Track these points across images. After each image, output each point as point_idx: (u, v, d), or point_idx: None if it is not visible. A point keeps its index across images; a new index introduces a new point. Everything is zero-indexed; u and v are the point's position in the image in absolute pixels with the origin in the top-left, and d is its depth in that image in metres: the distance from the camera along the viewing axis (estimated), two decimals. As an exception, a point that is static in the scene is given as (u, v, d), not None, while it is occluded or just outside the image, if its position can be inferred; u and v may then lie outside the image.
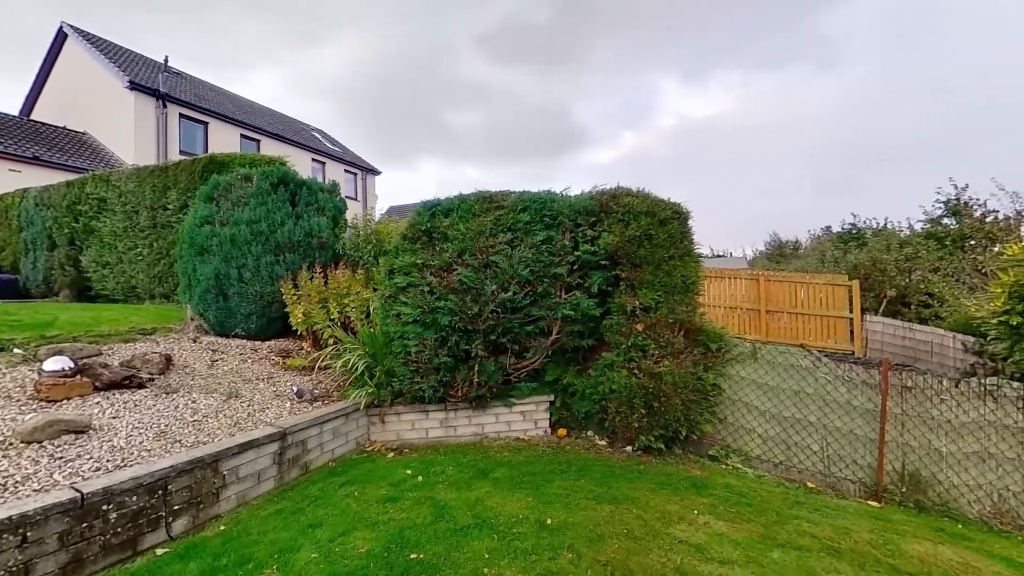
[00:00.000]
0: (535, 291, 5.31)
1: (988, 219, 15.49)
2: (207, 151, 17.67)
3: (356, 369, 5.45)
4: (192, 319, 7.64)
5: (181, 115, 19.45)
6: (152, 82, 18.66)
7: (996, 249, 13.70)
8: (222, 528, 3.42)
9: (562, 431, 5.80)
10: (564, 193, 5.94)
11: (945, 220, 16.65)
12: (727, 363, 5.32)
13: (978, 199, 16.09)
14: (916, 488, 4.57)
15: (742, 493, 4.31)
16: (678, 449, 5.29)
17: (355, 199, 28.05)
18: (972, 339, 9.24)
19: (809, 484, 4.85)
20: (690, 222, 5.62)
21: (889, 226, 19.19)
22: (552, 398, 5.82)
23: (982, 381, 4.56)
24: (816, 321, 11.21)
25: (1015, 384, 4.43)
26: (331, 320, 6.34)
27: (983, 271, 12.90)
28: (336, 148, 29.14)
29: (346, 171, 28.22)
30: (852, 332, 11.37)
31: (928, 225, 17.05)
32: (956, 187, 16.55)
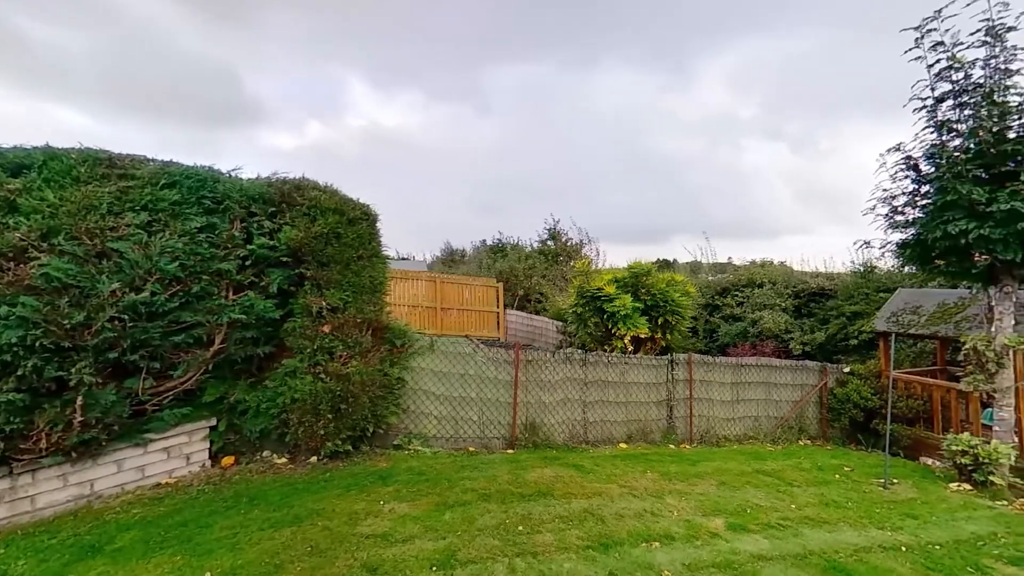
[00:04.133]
0: (188, 291, 4.19)
1: (568, 243, 23.47)
2: None
3: None
4: None
5: None
6: None
7: (572, 263, 20.95)
8: None
9: (229, 459, 4.83)
10: (234, 174, 4.98)
11: (548, 242, 24.06)
12: (410, 356, 5.82)
13: (564, 230, 24.13)
14: (533, 432, 6.39)
15: (422, 472, 4.82)
16: (365, 446, 5.38)
17: None
18: (561, 323, 13.76)
19: (471, 449, 5.94)
20: (379, 224, 5.82)
21: (520, 243, 26.02)
22: (214, 422, 4.75)
23: (564, 351, 6.86)
24: (476, 315, 13.93)
25: (579, 351, 6.91)
26: None
27: (566, 278, 19.48)
28: None
29: None
30: (498, 322, 14.77)
31: (540, 244, 24.19)
32: (554, 219, 24.28)
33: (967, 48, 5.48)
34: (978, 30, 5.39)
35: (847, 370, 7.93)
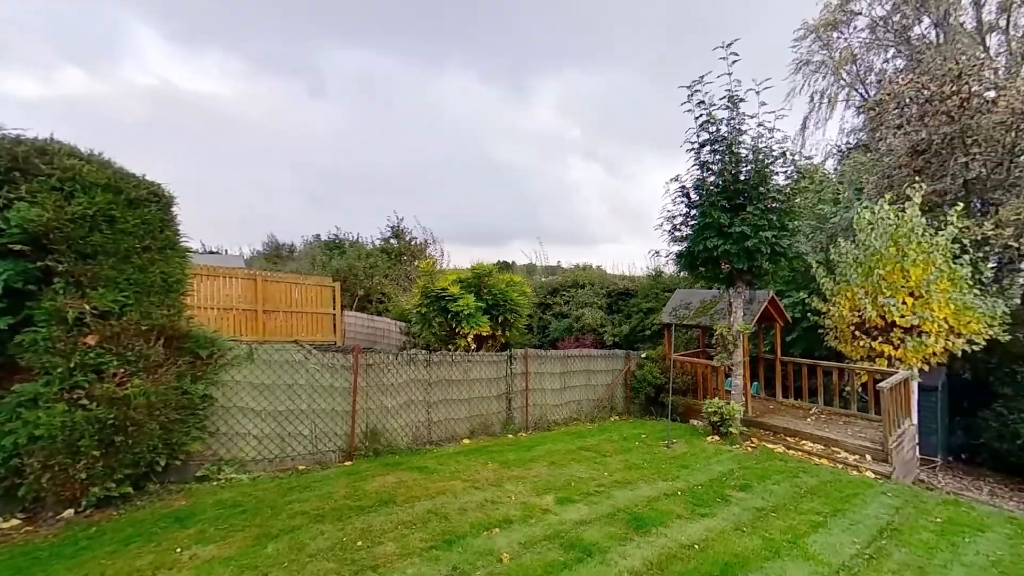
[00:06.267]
0: None
1: (413, 242, 23.02)
2: None
3: None
4: None
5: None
6: None
7: (416, 263, 20.63)
8: None
9: (-96, 537, 3.31)
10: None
11: (392, 240, 23.19)
12: (221, 369, 4.90)
13: (408, 228, 23.58)
14: (375, 440, 6.07)
15: (236, 503, 4.11)
16: (154, 484, 4.32)
17: None
18: (404, 324, 13.41)
19: (300, 467, 5.32)
20: (175, 209, 4.74)
21: (361, 240, 24.43)
22: None
23: (408, 352, 6.71)
24: (308, 318, 12.52)
25: (423, 352, 6.84)
26: None
27: (410, 277, 19.08)
28: None
29: None
30: (335, 325, 13.59)
31: (382, 242, 23.14)
32: (398, 217, 23.49)
33: (718, 109, 7.32)
34: (724, 96, 7.24)
35: (644, 356, 9.71)
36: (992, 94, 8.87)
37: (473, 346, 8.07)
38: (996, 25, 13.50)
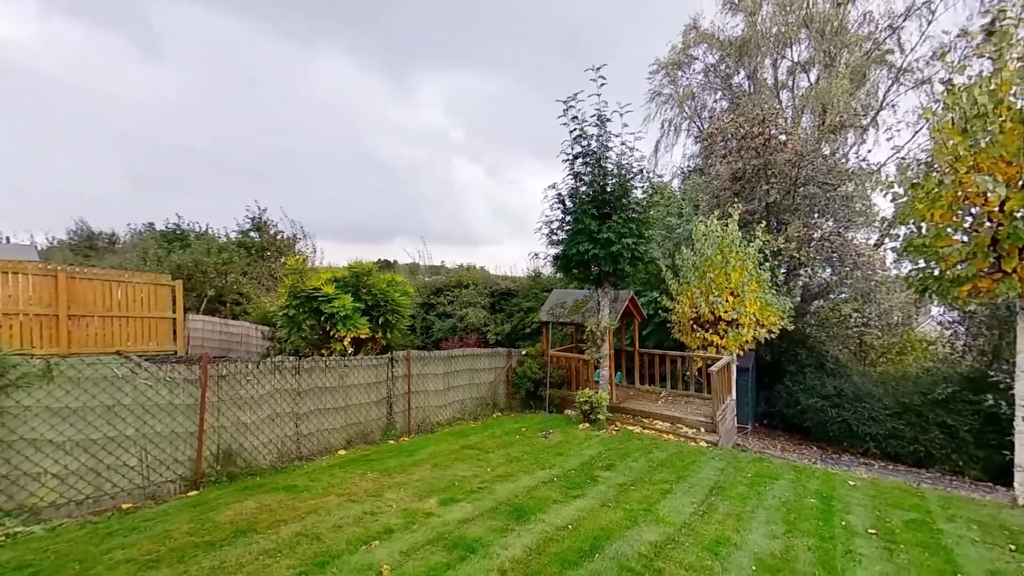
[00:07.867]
0: None
1: (278, 236, 20.58)
2: None
3: None
4: None
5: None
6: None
7: (283, 260, 18.51)
8: None
9: None
10: None
11: (252, 233, 20.41)
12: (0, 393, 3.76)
13: (273, 220, 20.99)
14: (229, 462, 5.27)
15: (25, 564, 3.21)
16: None
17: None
18: (268, 328, 11.94)
19: (125, 505, 4.36)
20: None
21: (211, 231, 21.00)
22: None
23: (273, 360, 5.98)
24: (137, 323, 10.31)
25: (291, 358, 6.17)
26: None
27: (276, 276, 17.04)
28: None
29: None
30: (175, 331, 11.45)
31: (240, 235, 20.23)
32: (259, 208, 20.75)
33: (590, 125, 8.03)
34: (594, 115, 7.98)
35: (524, 353, 10.18)
36: (784, 138, 11.38)
37: (350, 350, 7.56)
38: (786, 84, 17.35)
